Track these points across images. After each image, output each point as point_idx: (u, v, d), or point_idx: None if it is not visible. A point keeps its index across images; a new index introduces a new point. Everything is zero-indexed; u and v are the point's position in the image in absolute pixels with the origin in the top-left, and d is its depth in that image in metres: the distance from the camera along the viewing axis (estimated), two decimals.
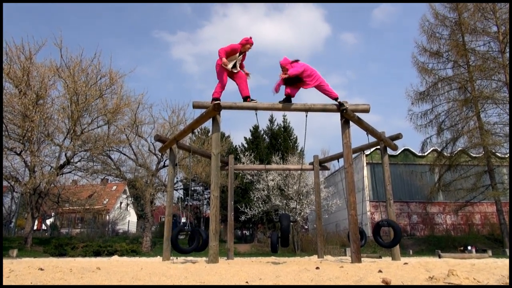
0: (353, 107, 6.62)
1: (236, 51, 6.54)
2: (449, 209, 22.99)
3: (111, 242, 18.00)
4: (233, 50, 6.50)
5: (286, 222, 6.22)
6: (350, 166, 6.39)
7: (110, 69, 18.39)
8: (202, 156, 12.73)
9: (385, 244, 7.24)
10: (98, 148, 17.31)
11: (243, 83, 6.72)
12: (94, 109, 18.03)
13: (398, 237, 6.87)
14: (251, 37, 6.63)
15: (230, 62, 6.54)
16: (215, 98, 6.42)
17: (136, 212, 35.54)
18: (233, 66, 6.65)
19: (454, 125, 20.61)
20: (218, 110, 6.28)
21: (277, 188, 21.04)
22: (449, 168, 20.53)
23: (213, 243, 5.83)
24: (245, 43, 6.61)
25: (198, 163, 20.78)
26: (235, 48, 6.51)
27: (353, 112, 6.60)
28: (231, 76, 6.68)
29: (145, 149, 20.16)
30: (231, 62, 6.56)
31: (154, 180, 20.03)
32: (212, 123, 6.45)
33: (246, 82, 6.75)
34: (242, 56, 6.76)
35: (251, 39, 6.62)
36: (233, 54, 6.53)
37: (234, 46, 6.52)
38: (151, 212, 19.94)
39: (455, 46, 20.20)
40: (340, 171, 24.95)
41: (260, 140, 28.59)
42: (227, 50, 6.45)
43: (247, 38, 6.63)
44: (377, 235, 7.21)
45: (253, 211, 21.81)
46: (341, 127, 6.62)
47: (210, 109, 6.26)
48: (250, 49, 6.70)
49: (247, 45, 6.63)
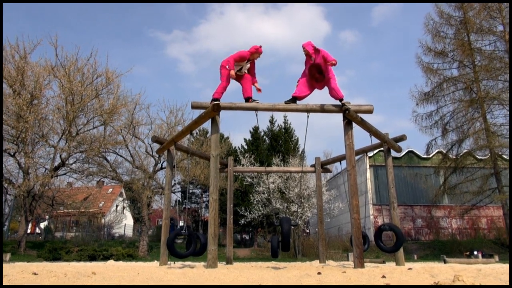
0: (356, 108, 6.63)
1: (244, 59, 6.73)
2: (454, 213, 22.97)
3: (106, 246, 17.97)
4: (241, 57, 6.70)
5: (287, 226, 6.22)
6: (353, 168, 6.39)
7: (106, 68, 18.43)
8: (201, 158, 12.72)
9: (387, 249, 7.24)
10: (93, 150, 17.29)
11: (247, 84, 6.82)
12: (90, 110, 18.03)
13: (400, 242, 6.88)
14: (260, 46, 6.78)
15: (237, 67, 6.72)
16: (215, 99, 6.45)
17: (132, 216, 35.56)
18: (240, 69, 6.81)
19: (459, 126, 20.61)
20: (217, 111, 6.29)
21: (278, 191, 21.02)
22: (455, 171, 20.52)
23: (212, 247, 5.83)
24: (254, 51, 6.76)
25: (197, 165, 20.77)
26: (243, 55, 6.70)
27: (356, 113, 6.61)
28: (237, 78, 6.80)
29: (142, 151, 20.18)
30: (237, 67, 6.74)
31: (151, 183, 20.02)
32: (211, 124, 6.47)
33: (250, 84, 6.86)
34: (250, 63, 6.91)
35: (260, 48, 6.78)
36: (241, 61, 6.73)
37: (243, 53, 6.70)
38: (148, 215, 19.91)
39: (461, 46, 20.21)
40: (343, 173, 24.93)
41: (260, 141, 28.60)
42: (236, 58, 6.63)
43: (256, 46, 6.77)
44: (379, 240, 7.22)
45: (253, 215, 21.79)
46: (343, 128, 6.63)
47: (209, 109, 6.27)
48: (259, 57, 6.87)
49: (256, 54, 6.80)
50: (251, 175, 22.79)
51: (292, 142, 28.62)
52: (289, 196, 20.44)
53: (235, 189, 24.15)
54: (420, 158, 24.16)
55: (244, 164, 23.11)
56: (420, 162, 24.11)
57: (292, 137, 29.14)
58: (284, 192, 20.84)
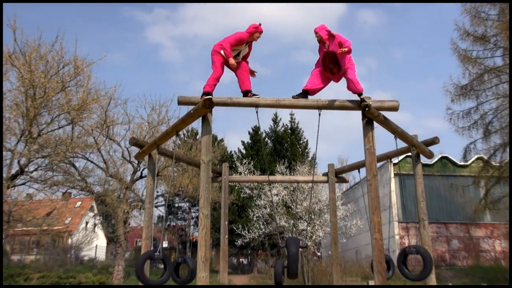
0: (378, 104, 6.64)
1: (242, 41, 6.68)
2: (498, 233, 22.93)
3: (74, 272, 17.96)
4: (239, 40, 6.64)
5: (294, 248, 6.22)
6: (374, 178, 6.39)
7: (75, 55, 18.36)
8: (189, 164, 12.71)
9: (413, 276, 7.31)
10: (59, 154, 17.28)
11: (244, 74, 6.79)
12: (55, 106, 18.02)
13: (428, 268, 6.89)
14: (260, 24, 6.77)
15: (233, 52, 6.65)
16: (206, 93, 6.45)
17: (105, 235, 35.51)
18: (236, 56, 6.77)
19: (504, 127, 20.61)
20: (209, 107, 6.30)
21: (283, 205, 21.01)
22: (499, 181, 20.48)
23: (202, 274, 5.81)
24: (254, 31, 6.72)
25: (184, 173, 20.77)
26: (241, 38, 6.64)
27: (378, 110, 6.62)
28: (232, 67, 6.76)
29: (118, 156, 20.15)
30: (234, 52, 6.69)
31: (129, 195, 20.02)
32: (202, 123, 6.47)
33: (248, 74, 6.84)
34: (248, 46, 6.90)
35: (260, 27, 6.76)
36: (238, 45, 6.68)
37: (241, 35, 6.65)
38: (125, 234, 19.89)
39: (505, 29, 20.25)
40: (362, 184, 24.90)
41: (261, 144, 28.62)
42: (232, 42, 6.56)
43: (255, 25, 6.76)
44: (403, 265, 7.28)
45: (252, 234, 21.77)
46: (362, 129, 6.63)
47: (200, 106, 6.27)
48: (259, 38, 6.83)
49: (256, 34, 6.76)
50: (250, 185, 22.77)
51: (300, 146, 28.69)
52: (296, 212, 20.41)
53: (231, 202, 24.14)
54: (456, 166, 24.16)
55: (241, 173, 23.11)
56: (456, 171, 24.09)
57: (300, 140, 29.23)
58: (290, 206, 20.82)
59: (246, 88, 6.68)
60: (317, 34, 6.64)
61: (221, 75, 6.61)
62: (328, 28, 6.59)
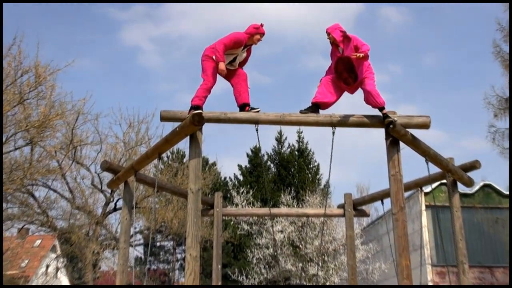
0: (404, 121, 6.64)
1: (240, 44, 6.69)
2: None
3: None
4: (236, 42, 6.64)
5: None
6: (401, 211, 6.35)
7: (36, 61, 18.53)
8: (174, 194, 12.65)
9: None
10: (14, 182, 17.27)
11: (241, 84, 6.81)
12: (11, 122, 18.10)
13: None
14: (262, 24, 6.79)
15: (228, 57, 6.67)
16: (195, 106, 6.46)
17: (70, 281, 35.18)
18: (231, 62, 6.78)
19: None
20: (199, 124, 6.29)
21: (289, 244, 20.88)
22: None
23: None
24: (254, 32, 6.74)
25: (168, 204, 20.70)
26: (239, 40, 6.65)
27: (404, 128, 6.62)
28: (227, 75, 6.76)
29: (87, 183, 20.15)
30: (229, 57, 6.70)
31: (100, 231, 19.91)
32: (189, 143, 6.46)
33: (246, 83, 6.84)
34: (247, 51, 6.94)
35: (262, 28, 6.78)
36: (235, 48, 6.68)
37: (238, 36, 6.66)
38: (94, 280, 19.71)
39: None
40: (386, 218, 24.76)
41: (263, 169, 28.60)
42: (227, 43, 6.55)
43: (256, 25, 6.78)
44: None
45: (251, 280, 21.57)
46: (386, 151, 6.63)
47: (187, 122, 6.27)
48: (260, 41, 6.86)
49: (256, 36, 6.78)
50: (248, 220, 22.69)
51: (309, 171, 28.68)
52: (305, 253, 20.29)
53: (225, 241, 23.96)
54: (502, 196, 24.08)
55: (238, 204, 23.04)
56: (502, 202, 23.99)
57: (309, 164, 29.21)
58: (298, 246, 20.70)
59: (243, 101, 6.70)
60: (329, 35, 6.68)
61: (213, 85, 6.60)
62: (343, 29, 6.63)
